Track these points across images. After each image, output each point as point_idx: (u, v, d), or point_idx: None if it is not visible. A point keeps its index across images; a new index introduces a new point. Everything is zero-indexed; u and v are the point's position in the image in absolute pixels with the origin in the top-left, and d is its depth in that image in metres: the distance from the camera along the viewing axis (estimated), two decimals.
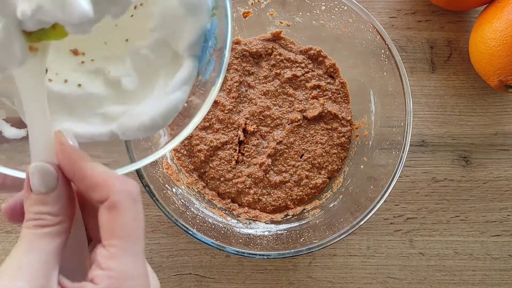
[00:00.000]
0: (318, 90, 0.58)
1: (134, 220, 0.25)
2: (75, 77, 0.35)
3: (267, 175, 0.56)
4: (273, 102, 0.58)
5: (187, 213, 0.51)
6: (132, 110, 0.34)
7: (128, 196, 0.25)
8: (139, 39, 0.36)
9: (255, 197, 0.56)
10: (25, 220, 0.25)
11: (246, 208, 0.56)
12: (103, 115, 0.35)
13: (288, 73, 0.58)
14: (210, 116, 0.57)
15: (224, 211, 0.56)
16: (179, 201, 0.52)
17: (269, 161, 0.56)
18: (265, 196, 0.56)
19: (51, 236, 0.24)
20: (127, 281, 0.24)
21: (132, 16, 0.36)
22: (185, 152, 0.57)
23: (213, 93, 0.34)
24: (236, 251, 0.47)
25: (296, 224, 0.55)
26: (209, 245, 0.47)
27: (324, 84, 0.58)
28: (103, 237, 0.25)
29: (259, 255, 0.48)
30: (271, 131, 0.57)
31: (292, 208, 0.57)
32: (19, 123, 0.31)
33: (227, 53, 0.34)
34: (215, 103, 0.56)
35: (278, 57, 0.58)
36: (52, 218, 0.25)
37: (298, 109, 0.57)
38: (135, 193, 0.26)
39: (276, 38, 0.59)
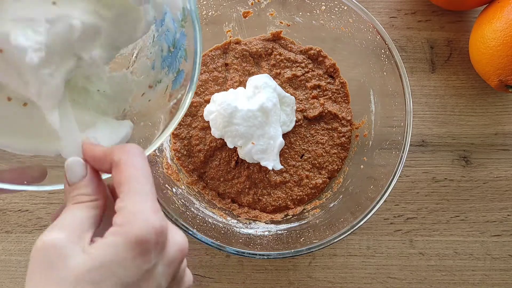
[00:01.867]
0: (318, 90, 0.58)
1: (136, 169, 0.29)
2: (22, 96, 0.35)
3: (267, 175, 0.56)
4: None
5: (187, 213, 0.51)
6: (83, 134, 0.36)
7: (125, 152, 0.30)
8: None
9: (255, 197, 0.56)
10: (67, 203, 0.31)
11: (246, 208, 0.56)
12: (48, 133, 0.36)
13: (288, 73, 0.58)
14: None
15: (224, 211, 0.56)
16: (179, 201, 0.52)
17: None
18: (265, 196, 0.56)
19: (87, 207, 0.30)
20: (137, 215, 0.28)
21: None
22: (185, 152, 0.57)
23: (184, 107, 0.37)
24: (236, 251, 0.47)
25: (296, 224, 0.55)
26: (209, 245, 0.47)
27: (324, 84, 0.58)
28: (117, 191, 0.30)
29: (259, 255, 0.48)
30: None
31: (292, 208, 0.57)
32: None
33: (196, 71, 0.36)
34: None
35: (278, 57, 0.58)
36: (87, 197, 0.30)
37: (299, 109, 0.57)
38: (133, 150, 0.31)
39: (276, 38, 0.59)
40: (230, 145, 0.53)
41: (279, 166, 0.54)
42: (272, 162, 0.53)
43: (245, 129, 0.51)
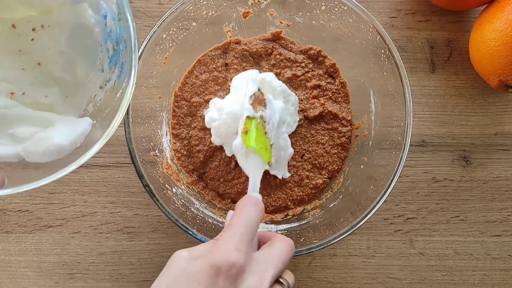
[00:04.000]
0: (318, 90, 0.58)
1: (240, 215, 0.39)
2: None
3: (267, 176, 0.56)
4: None
5: (187, 213, 0.51)
6: (39, 134, 0.38)
7: (242, 200, 0.41)
8: (50, 63, 0.41)
9: None
10: None
11: None
12: (12, 136, 0.38)
13: (288, 73, 0.58)
14: None
15: (224, 211, 0.56)
16: (179, 201, 0.52)
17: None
18: (265, 197, 0.56)
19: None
20: (221, 247, 0.36)
21: (33, 40, 0.40)
22: (185, 153, 0.57)
23: (125, 101, 0.39)
24: None
25: (296, 224, 0.55)
26: None
27: (325, 84, 0.58)
28: None
29: None
30: None
31: (292, 208, 0.57)
32: None
33: (133, 55, 0.39)
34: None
35: (278, 57, 0.58)
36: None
37: (299, 109, 0.57)
38: (247, 201, 0.41)
39: (276, 38, 0.59)
40: (229, 153, 0.53)
41: (288, 175, 0.55)
42: (281, 172, 0.54)
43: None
